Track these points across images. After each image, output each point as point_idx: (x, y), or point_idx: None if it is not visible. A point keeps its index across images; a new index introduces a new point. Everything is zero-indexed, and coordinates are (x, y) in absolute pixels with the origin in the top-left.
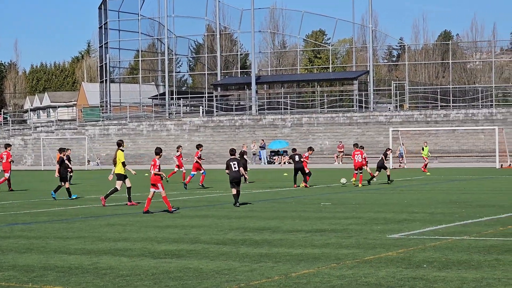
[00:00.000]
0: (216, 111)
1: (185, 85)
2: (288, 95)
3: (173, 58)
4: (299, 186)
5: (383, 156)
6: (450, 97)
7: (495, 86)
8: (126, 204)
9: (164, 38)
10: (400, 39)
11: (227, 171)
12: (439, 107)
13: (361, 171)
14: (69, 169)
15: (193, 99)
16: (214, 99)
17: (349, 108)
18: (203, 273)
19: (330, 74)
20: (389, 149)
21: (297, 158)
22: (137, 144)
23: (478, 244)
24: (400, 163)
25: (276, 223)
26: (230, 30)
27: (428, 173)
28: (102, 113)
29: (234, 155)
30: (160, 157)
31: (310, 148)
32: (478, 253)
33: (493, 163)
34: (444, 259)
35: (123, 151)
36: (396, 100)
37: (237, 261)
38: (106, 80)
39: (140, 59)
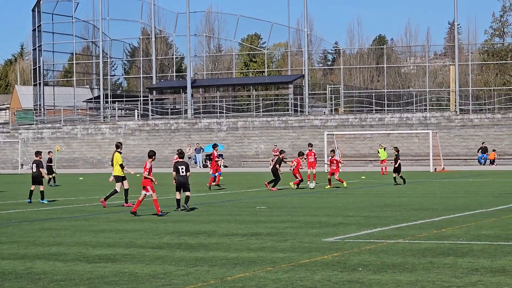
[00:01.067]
0: (152, 115)
1: (120, 89)
2: (224, 99)
3: (108, 61)
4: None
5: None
6: (384, 101)
7: (429, 91)
8: (123, 205)
9: (99, 41)
10: (335, 43)
11: (174, 173)
12: (374, 111)
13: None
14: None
15: (128, 102)
16: (150, 102)
17: (285, 112)
18: (139, 277)
19: (266, 78)
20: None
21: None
22: (71, 148)
23: (413, 247)
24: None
25: (212, 227)
26: (165, 33)
27: (363, 177)
28: (36, 116)
29: (183, 158)
30: (152, 160)
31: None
32: (413, 256)
33: (427, 167)
34: (379, 262)
35: (120, 153)
36: (331, 104)
37: (172, 265)
38: (39, 83)
39: (74, 62)
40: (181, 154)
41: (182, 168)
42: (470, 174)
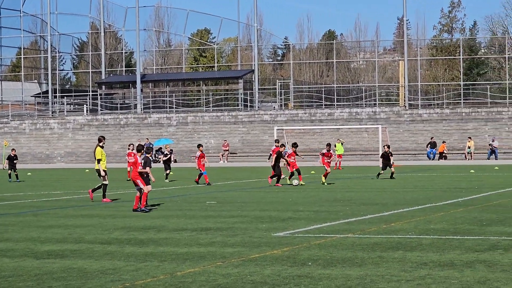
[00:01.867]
0: (101, 110)
1: (69, 83)
2: (174, 94)
3: (56, 55)
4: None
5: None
6: (334, 96)
7: (378, 86)
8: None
9: (47, 35)
10: (285, 38)
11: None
12: (324, 106)
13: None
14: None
15: (77, 97)
16: (99, 97)
17: (234, 107)
18: (88, 273)
19: (216, 73)
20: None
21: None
22: (19, 143)
23: (362, 242)
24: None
25: (162, 222)
26: (114, 28)
27: (312, 172)
28: None
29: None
30: (142, 154)
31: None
32: (362, 250)
33: (376, 162)
34: (328, 256)
35: (102, 147)
36: (281, 99)
37: (122, 261)
38: None
39: (22, 56)
40: (140, 147)
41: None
42: (419, 168)
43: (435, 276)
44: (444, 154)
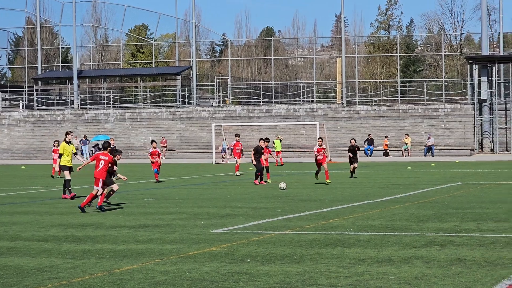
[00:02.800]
0: (37, 106)
1: (4, 79)
2: (111, 90)
3: None
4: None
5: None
6: (272, 92)
7: (316, 82)
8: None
9: None
10: (223, 35)
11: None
12: (262, 103)
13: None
14: None
15: (13, 93)
16: (35, 93)
17: (172, 104)
18: (24, 270)
19: (153, 69)
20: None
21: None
22: None
23: (301, 238)
24: (223, 158)
25: (99, 219)
26: (51, 23)
27: (250, 168)
28: None
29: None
30: (109, 151)
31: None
32: (301, 247)
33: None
34: (267, 253)
35: (67, 142)
36: (219, 95)
37: (59, 258)
38: None
39: None
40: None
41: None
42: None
43: (373, 272)
44: (387, 150)
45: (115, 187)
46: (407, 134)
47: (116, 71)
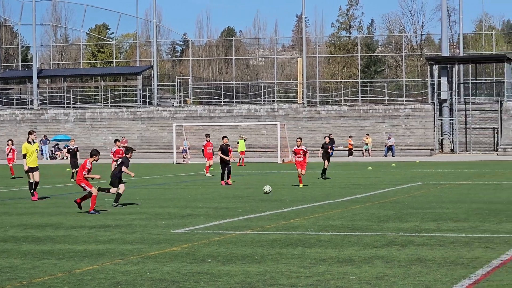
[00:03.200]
0: None
1: None
2: (71, 90)
3: None
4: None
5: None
6: (233, 93)
7: (277, 83)
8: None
9: None
10: (184, 35)
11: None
12: (223, 103)
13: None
14: None
15: None
16: None
17: (133, 104)
18: None
19: (114, 68)
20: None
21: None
22: None
23: (261, 238)
24: (184, 158)
25: (59, 219)
26: (10, 22)
27: (212, 168)
28: None
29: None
30: (94, 160)
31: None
32: (262, 247)
33: (275, 158)
34: (228, 253)
35: (29, 142)
36: (180, 95)
37: (18, 259)
38: None
39: None
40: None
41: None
42: (317, 165)
43: (334, 272)
44: (352, 150)
45: (121, 188)
46: (368, 134)
47: (76, 71)
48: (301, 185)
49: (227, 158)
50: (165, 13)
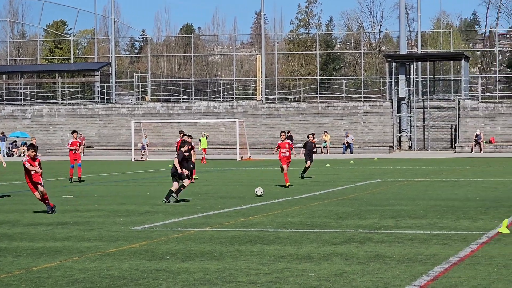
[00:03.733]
0: None
1: None
2: (28, 86)
3: None
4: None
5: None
6: (192, 89)
7: (235, 80)
8: None
9: None
10: (142, 31)
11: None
12: (181, 100)
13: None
14: None
15: None
16: None
17: (91, 100)
18: None
19: (72, 65)
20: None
21: None
22: None
23: (220, 235)
24: (142, 155)
25: (16, 216)
26: None
27: (170, 165)
28: None
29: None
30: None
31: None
32: (220, 244)
33: (233, 155)
34: (187, 250)
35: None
36: (139, 92)
37: None
38: None
39: None
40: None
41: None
42: (275, 162)
43: (293, 269)
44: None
45: (186, 182)
46: (326, 132)
47: (33, 67)
48: (287, 184)
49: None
50: (124, 9)
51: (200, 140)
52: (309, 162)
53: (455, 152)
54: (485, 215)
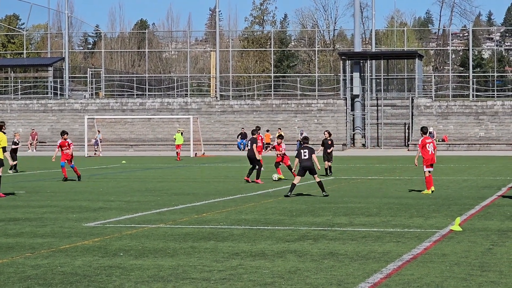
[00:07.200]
0: None
1: None
2: None
3: None
4: None
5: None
6: (146, 85)
7: (190, 76)
8: None
9: None
10: (96, 26)
11: (297, 159)
12: (135, 96)
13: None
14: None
15: None
16: None
17: (44, 95)
18: None
19: (24, 60)
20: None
21: None
22: None
23: (174, 232)
24: (96, 151)
25: None
26: None
27: (123, 162)
28: None
29: (307, 143)
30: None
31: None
32: (174, 241)
33: (187, 152)
34: (140, 247)
35: (4, 133)
36: (92, 87)
37: None
38: None
39: None
40: (305, 139)
41: (305, 152)
42: (229, 159)
43: (246, 266)
44: (270, 144)
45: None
46: (280, 129)
47: None
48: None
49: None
50: (77, 4)
51: (175, 137)
52: (327, 162)
53: (408, 150)
54: (438, 213)
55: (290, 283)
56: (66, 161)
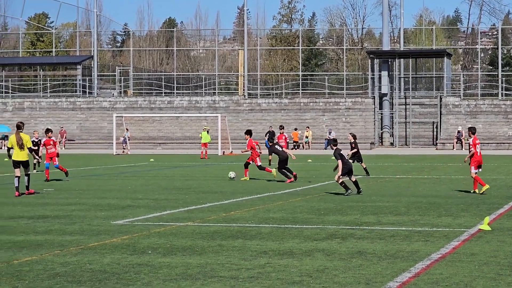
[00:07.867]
0: None
1: None
2: (10, 79)
3: None
4: None
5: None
6: (174, 84)
7: (218, 74)
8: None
9: None
10: (125, 25)
11: (339, 161)
12: (163, 94)
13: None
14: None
15: None
16: None
17: (73, 93)
18: None
19: (53, 58)
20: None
21: None
22: None
23: (202, 230)
24: (124, 149)
25: None
26: None
27: (151, 160)
28: None
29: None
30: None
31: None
32: (202, 239)
33: (215, 150)
34: (168, 245)
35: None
36: (120, 86)
37: None
38: None
39: None
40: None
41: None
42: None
43: (274, 265)
44: (298, 143)
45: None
46: (308, 127)
47: (15, 60)
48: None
49: None
50: (106, 2)
51: (201, 135)
52: (362, 163)
53: (436, 149)
54: (467, 212)
55: (318, 281)
56: (50, 161)
